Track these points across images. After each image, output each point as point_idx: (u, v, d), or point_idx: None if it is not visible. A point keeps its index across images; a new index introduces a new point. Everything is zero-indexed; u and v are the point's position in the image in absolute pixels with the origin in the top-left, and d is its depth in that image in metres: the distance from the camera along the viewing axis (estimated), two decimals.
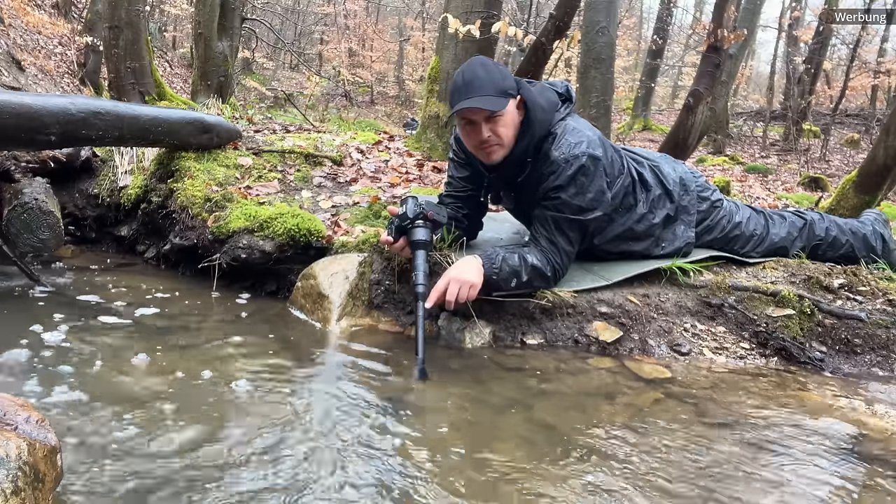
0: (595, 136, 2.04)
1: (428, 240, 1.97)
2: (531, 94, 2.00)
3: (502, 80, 1.93)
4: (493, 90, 1.91)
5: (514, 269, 1.97)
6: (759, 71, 25.84)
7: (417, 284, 1.89)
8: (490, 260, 1.96)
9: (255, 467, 1.24)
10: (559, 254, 2.03)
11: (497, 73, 1.94)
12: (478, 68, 1.94)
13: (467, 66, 1.96)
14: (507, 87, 1.93)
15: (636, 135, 13.81)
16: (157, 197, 2.85)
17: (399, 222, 2.00)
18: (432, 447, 1.37)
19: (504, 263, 1.96)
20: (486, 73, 1.92)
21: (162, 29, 15.53)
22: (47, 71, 8.21)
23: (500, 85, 1.92)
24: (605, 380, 1.83)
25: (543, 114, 2.00)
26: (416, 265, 1.93)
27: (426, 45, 20.49)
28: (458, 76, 1.95)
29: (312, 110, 11.60)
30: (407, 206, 2.00)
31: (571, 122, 2.05)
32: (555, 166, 1.97)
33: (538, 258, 2.00)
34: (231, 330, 2.01)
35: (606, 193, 2.06)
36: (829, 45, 14.42)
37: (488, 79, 1.91)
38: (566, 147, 1.97)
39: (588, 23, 4.08)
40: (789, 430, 1.56)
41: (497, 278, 1.96)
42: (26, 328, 1.83)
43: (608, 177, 2.07)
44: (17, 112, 2.09)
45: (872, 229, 2.53)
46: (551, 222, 2.02)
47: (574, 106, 2.16)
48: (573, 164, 1.96)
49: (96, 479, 1.16)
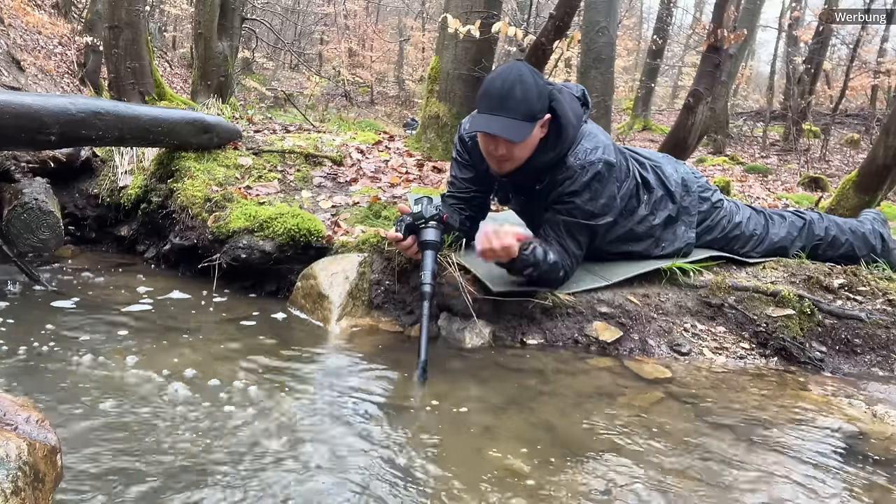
0: (609, 141, 2.04)
1: (439, 241, 1.94)
2: (563, 110, 1.95)
3: (536, 101, 1.87)
4: (523, 113, 1.85)
5: (537, 259, 1.96)
6: (759, 71, 25.85)
7: (424, 283, 1.84)
8: (524, 245, 1.94)
9: (255, 467, 1.24)
10: (569, 257, 2.04)
11: (534, 91, 1.86)
12: (516, 84, 1.85)
13: (507, 75, 1.87)
14: (539, 110, 1.88)
15: (636, 135, 13.80)
16: (157, 197, 2.85)
17: (412, 220, 1.96)
18: (432, 447, 1.37)
19: (533, 249, 1.95)
20: (523, 91, 1.85)
21: (162, 29, 15.53)
22: (47, 71, 8.21)
23: (532, 107, 1.86)
24: (605, 380, 1.83)
25: (573, 130, 1.98)
26: (424, 264, 1.89)
27: (426, 45, 20.49)
28: (495, 81, 1.88)
29: (312, 110, 11.60)
30: (423, 206, 1.96)
31: (586, 127, 2.03)
32: (570, 172, 1.96)
33: (555, 257, 2.00)
34: (231, 330, 2.01)
35: (617, 199, 2.06)
36: (829, 45, 14.41)
37: (523, 98, 1.84)
38: (582, 153, 1.96)
39: (588, 23, 4.08)
40: (789, 430, 1.56)
41: (524, 257, 1.94)
42: (26, 328, 1.83)
43: (618, 182, 2.07)
44: (17, 112, 2.09)
45: (872, 228, 2.53)
46: (562, 226, 2.02)
47: (589, 111, 2.14)
48: (589, 170, 1.95)
49: (95, 479, 1.16)
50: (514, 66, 1.92)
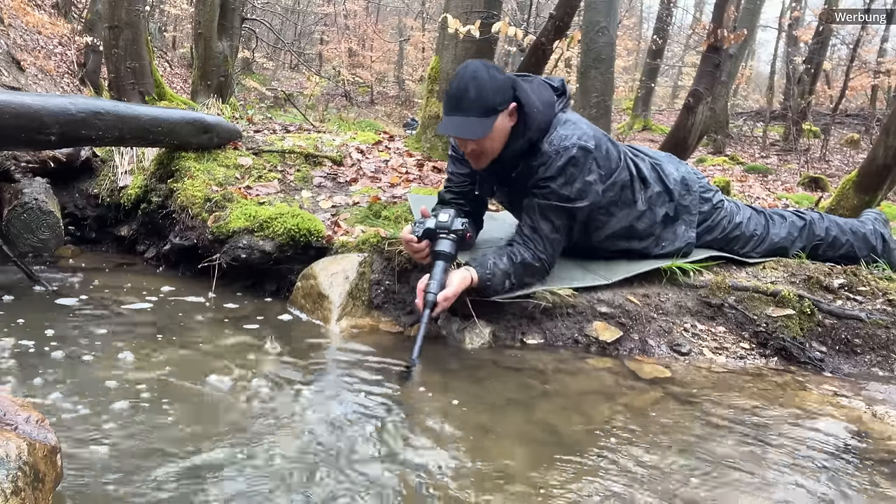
0: (589, 129, 2.05)
1: (453, 254, 1.96)
2: (527, 97, 1.97)
3: (493, 95, 1.89)
4: (480, 109, 1.88)
5: (504, 272, 1.99)
6: (759, 71, 25.84)
7: (430, 293, 1.86)
8: (482, 267, 1.97)
9: (255, 467, 1.24)
10: (542, 240, 2.03)
11: (489, 86, 1.89)
12: (469, 83, 1.89)
13: (461, 76, 1.92)
14: (498, 103, 1.90)
15: (636, 135, 13.80)
16: (157, 197, 2.85)
17: (433, 227, 1.98)
18: (432, 447, 1.37)
19: (496, 268, 1.98)
20: (477, 88, 1.88)
21: (162, 29, 15.53)
22: (47, 71, 8.21)
23: (489, 102, 1.89)
24: (605, 380, 1.83)
25: (540, 114, 1.99)
26: (434, 273, 1.90)
27: (426, 45, 20.49)
28: (451, 83, 1.93)
29: (312, 110, 11.59)
30: (450, 217, 1.98)
31: (564, 116, 2.05)
32: (545, 157, 1.98)
33: (523, 252, 2.01)
34: (231, 330, 2.02)
35: (596, 185, 2.05)
36: (829, 45, 14.41)
37: (477, 96, 1.88)
38: (557, 139, 1.98)
39: (588, 23, 4.08)
40: (789, 430, 1.56)
41: (491, 283, 1.98)
42: (26, 328, 1.83)
43: (602, 169, 2.07)
44: (17, 112, 2.09)
45: (873, 228, 2.53)
46: (537, 209, 2.03)
47: (568, 100, 2.14)
48: (563, 154, 1.96)
49: (95, 478, 1.16)
50: (469, 65, 1.95)
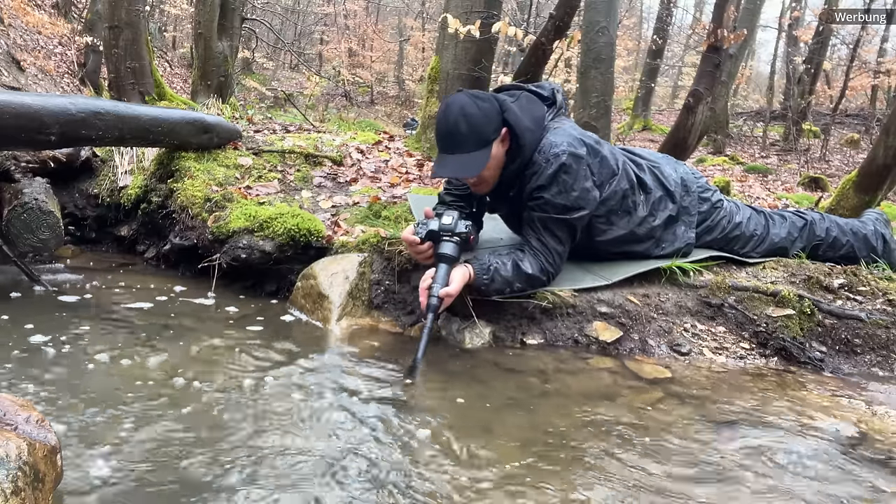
0: (577, 134, 2.04)
1: (457, 257, 1.95)
2: (516, 118, 1.96)
3: (485, 126, 1.89)
4: (474, 143, 1.89)
5: (506, 279, 1.98)
6: (759, 71, 25.85)
7: (433, 296, 1.86)
8: (483, 269, 1.97)
9: (254, 467, 1.24)
10: (550, 254, 2.04)
11: (479, 117, 1.88)
12: (458, 118, 1.88)
13: (448, 113, 1.90)
14: (490, 133, 1.91)
15: (636, 135, 13.80)
16: (157, 197, 2.85)
17: (437, 229, 1.97)
18: (432, 447, 1.37)
19: (496, 274, 1.97)
20: (468, 123, 1.87)
21: (162, 29, 15.53)
22: (47, 71, 8.21)
23: (482, 133, 1.89)
24: (605, 380, 1.83)
25: (531, 133, 1.99)
26: (438, 276, 1.90)
27: (426, 45, 20.49)
28: (440, 122, 1.92)
29: (312, 110, 11.59)
30: (454, 219, 1.97)
31: (554, 124, 2.05)
32: (536, 167, 1.98)
33: (532, 263, 2.01)
34: (231, 330, 2.01)
35: (592, 192, 2.04)
36: (829, 45, 14.42)
37: (469, 131, 1.88)
38: (547, 147, 1.98)
39: (588, 23, 4.08)
40: (789, 430, 1.56)
41: (487, 288, 1.98)
42: (26, 328, 1.83)
43: (595, 176, 2.06)
44: (17, 112, 2.09)
45: (873, 229, 2.53)
46: (538, 223, 2.03)
47: (560, 108, 2.13)
48: (553, 162, 1.96)
49: (95, 478, 1.16)
50: (455, 100, 1.93)
